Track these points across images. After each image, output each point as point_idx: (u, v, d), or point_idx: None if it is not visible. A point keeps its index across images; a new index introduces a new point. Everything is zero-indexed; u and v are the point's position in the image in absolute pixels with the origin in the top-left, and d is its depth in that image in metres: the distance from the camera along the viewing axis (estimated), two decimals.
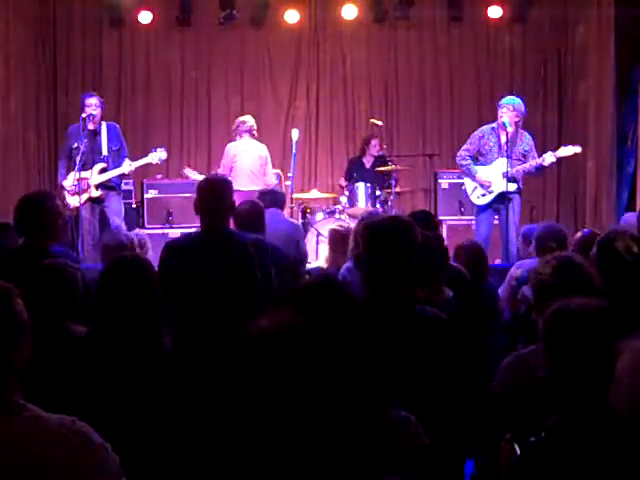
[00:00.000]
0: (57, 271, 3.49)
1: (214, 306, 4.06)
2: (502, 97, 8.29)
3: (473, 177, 7.99)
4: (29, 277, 3.45)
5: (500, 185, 7.83)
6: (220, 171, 8.77)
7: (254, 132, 8.94)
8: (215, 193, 4.32)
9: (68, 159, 8.01)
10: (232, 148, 8.78)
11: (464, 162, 8.05)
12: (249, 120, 8.97)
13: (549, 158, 7.90)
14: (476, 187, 8.01)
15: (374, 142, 9.94)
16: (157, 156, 8.27)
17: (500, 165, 7.83)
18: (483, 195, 7.98)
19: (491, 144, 7.99)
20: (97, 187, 7.85)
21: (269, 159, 8.93)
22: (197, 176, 9.21)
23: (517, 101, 8.00)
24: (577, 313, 2.24)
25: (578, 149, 8.09)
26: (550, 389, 2.20)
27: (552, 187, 10.99)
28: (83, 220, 7.73)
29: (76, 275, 3.52)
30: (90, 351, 2.97)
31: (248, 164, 8.72)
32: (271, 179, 8.86)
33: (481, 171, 7.95)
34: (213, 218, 4.29)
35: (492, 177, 7.89)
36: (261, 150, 8.87)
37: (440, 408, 2.84)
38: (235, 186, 8.47)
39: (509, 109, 7.87)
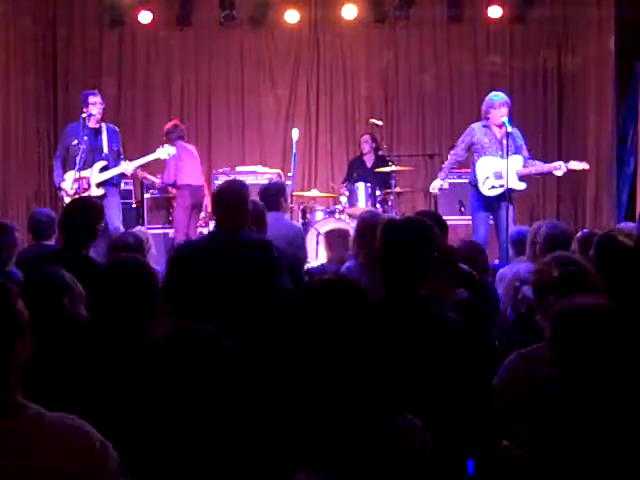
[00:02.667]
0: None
1: (224, 306, 4.10)
2: None
3: (443, 172, 8.24)
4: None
5: (511, 181, 7.76)
6: (165, 174, 9.01)
7: (184, 136, 9.17)
8: (233, 195, 4.45)
9: (64, 158, 7.97)
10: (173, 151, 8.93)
11: (450, 160, 8.23)
12: (179, 125, 9.18)
13: (562, 168, 7.97)
14: (488, 177, 7.94)
15: (364, 138, 10.02)
16: (166, 151, 8.28)
17: (514, 162, 7.79)
18: (494, 187, 7.94)
19: (486, 141, 7.97)
20: (98, 185, 7.83)
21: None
22: (153, 179, 9.37)
23: (499, 99, 8.00)
24: (582, 312, 2.23)
25: (587, 166, 8.19)
26: (559, 388, 2.20)
27: (552, 187, 10.98)
28: None
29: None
30: (87, 351, 2.98)
31: (191, 163, 9.00)
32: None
33: (494, 162, 7.95)
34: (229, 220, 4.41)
35: (504, 171, 7.84)
36: (193, 150, 9.15)
37: (452, 411, 2.83)
38: (188, 181, 8.86)
39: (506, 107, 7.88)
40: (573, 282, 3.01)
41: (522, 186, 7.94)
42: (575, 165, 8.05)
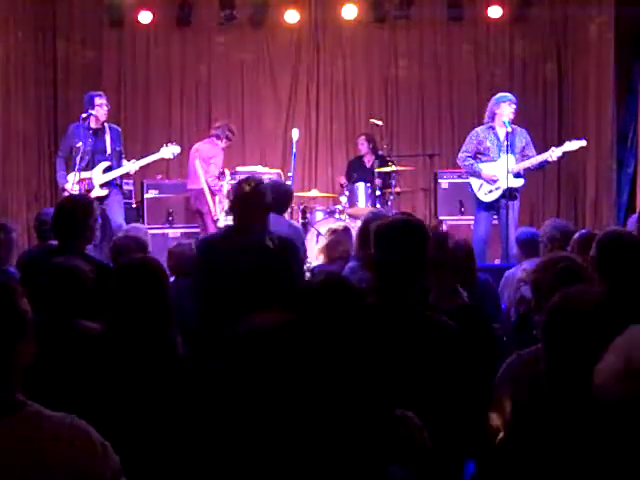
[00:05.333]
0: (67, 270, 3.50)
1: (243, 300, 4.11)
2: None
3: (479, 175, 7.96)
4: (39, 276, 3.49)
5: (507, 181, 7.77)
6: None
7: (214, 136, 9.27)
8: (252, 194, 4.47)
9: (67, 159, 7.97)
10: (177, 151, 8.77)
11: (467, 162, 8.03)
12: (223, 126, 9.31)
13: (555, 153, 7.89)
14: (482, 184, 7.97)
15: (360, 140, 10.04)
16: (170, 151, 8.25)
17: (505, 162, 7.77)
18: (490, 192, 7.95)
19: (488, 143, 7.97)
20: (102, 186, 7.82)
21: (215, 159, 9.14)
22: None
23: (511, 97, 8.01)
24: (568, 307, 2.22)
25: (583, 143, 8.07)
26: (548, 383, 2.19)
27: (552, 187, 10.99)
28: None
29: (86, 273, 3.53)
30: (101, 353, 2.97)
31: (191, 166, 9.11)
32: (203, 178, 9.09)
33: (486, 168, 7.93)
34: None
35: (498, 173, 7.85)
36: (195, 151, 9.16)
37: (447, 411, 2.83)
38: (189, 185, 9.04)
39: (509, 108, 7.88)
40: (570, 279, 3.01)
41: (520, 182, 7.94)
42: (570, 146, 8.00)
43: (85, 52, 10.90)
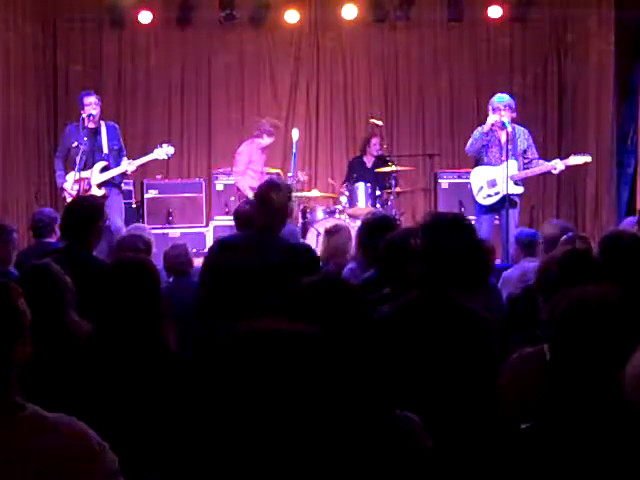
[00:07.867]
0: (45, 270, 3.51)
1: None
2: None
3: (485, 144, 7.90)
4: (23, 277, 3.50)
5: (507, 188, 7.74)
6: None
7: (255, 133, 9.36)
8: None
9: (65, 159, 7.99)
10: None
11: (473, 146, 7.98)
12: (260, 121, 9.52)
13: (559, 166, 7.87)
14: (482, 187, 7.95)
15: (374, 141, 9.95)
16: (164, 151, 8.24)
17: (509, 167, 7.74)
18: (489, 196, 7.92)
19: (489, 145, 7.96)
20: (99, 186, 7.83)
21: (239, 156, 9.38)
22: None
23: (508, 98, 7.98)
24: (583, 299, 2.20)
25: (588, 158, 8.04)
26: (552, 380, 2.18)
27: (552, 187, 10.99)
28: None
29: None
30: (93, 351, 2.98)
31: None
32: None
33: (488, 171, 7.90)
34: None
35: (498, 178, 7.82)
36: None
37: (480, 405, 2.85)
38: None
39: (505, 109, 7.85)
40: (579, 275, 3.01)
41: (519, 190, 7.91)
42: (575, 160, 7.97)
43: (85, 52, 10.90)
